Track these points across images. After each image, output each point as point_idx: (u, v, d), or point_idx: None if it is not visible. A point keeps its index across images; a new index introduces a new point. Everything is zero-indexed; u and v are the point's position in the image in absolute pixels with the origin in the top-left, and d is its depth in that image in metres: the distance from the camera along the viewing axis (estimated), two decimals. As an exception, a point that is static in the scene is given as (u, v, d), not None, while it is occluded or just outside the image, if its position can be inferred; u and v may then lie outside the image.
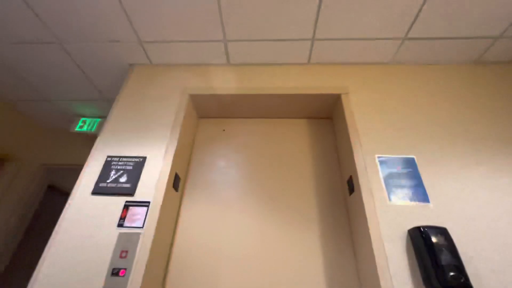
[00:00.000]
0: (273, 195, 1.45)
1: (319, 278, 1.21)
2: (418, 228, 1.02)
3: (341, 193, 1.44)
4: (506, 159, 1.24)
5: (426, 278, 0.95)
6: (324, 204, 1.41)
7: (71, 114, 2.30)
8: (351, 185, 1.32)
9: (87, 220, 1.16)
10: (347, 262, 1.25)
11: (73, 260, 1.05)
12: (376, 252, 1.03)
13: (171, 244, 1.33)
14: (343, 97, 1.50)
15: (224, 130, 1.73)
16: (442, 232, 0.99)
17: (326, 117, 1.73)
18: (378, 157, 1.28)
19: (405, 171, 1.24)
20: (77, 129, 2.24)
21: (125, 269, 1.03)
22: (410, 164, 1.26)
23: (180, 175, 1.45)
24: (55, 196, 2.84)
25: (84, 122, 2.26)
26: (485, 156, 1.25)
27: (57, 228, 1.15)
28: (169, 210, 1.30)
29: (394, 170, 1.24)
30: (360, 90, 1.52)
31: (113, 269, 1.03)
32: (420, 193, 1.17)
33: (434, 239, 0.97)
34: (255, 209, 1.42)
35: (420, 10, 1.32)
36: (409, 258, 1.02)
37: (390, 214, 1.11)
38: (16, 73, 1.86)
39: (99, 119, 2.28)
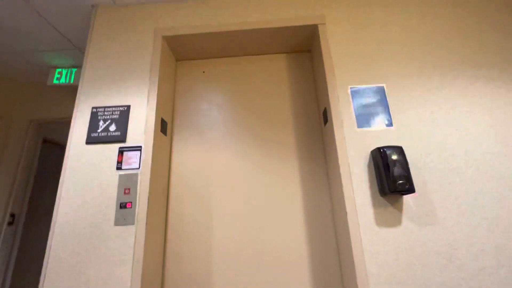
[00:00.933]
0: (255, 131, 1.58)
1: (297, 200, 1.44)
2: (378, 148, 1.18)
3: (318, 124, 1.57)
4: (467, 80, 1.33)
5: (380, 188, 1.16)
6: (302, 135, 1.55)
7: (45, 66, 2.21)
8: (326, 117, 1.43)
9: (87, 167, 1.29)
10: (321, 184, 1.47)
11: (85, 198, 1.23)
12: (342, 171, 1.21)
13: (168, 181, 1.51)
14: (320, 28, 1.47)
15: (204, 71, 1.73)
16: (397, 150, 1.16)
17: (305, 51, 1.72)
18: (351, 87, 1.36)
19: (374, 99, 1.33)
20: (54, 81, 2.18)
21: (131, 202, 1.21)
22: (380, 92, 1.34)
23: (167, 119, 1.53)
24: (52, 149, 2.95)
25: (60, 73, 2.19)
26: (448, 80, 1.33)
27: (62, 176, 1.29)
28: (161, 152, 1.43)
29: (365, 100, 1.33)
30: (337, 19, 1.48)
31: (121, 203, 1.21)
32: (386, 119, 1.29)
33: (390, 156, 1.14)
34: (239, 144, 1.56)
35: None
36: (369, 174, 1.21)
37: (357, 139, 1.26)
38: (-30, 25, 1.71)
39: (75, 69, 2.21)
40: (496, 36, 1.40)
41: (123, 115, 1.36)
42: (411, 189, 1.09)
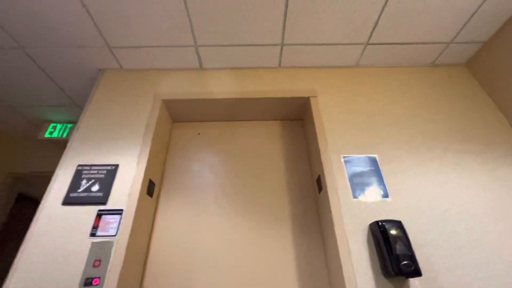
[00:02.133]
0: (247, 196, 1.50)
1: (291, 274, 1.29)
2: (376, 222, 1.11)
3: (312, 192, 1.52)
4: (455, 155, 1.37)
5: (383, 267, 1.05)
6: (296, 202, 1.49)
7: (39, 120, 2.22)
8: (320, 184, 1.40)
9: (58, 231, 1.14)
10: (317, 257, 1.33)
11: (44, 273, 1.05)
12: (340, 245, 1.11)
13: (147, 250, 1.35)
14: (311, 99, 1.57)
15: (199, 133, 1.75)
16: (397, 224, 1.09)
17: (297, 119, 1.80)
18: (344, 157, 1.37)
19: (367, 169, 1.33)
20: (46, 135, 2.16)
21: (99, 277, 1.04)
22: (372, 162, 1.35)
23: (155, 181, 1.46)
24: (26, 205, 2.72)
25: (54, 128, 2.19)
26: (437, 153, 1.37)
27: (26, 241, 1.13)
28: (144, 217, 1.31)
29: (358, 169, 1.33)
30: (328, 93, 1.60)
31: (86, 278, 1.03)
32: (381, 190, 1.27)
33: (390, 232, 1.07)
34: (230, 210, 1.46)
35: (379, 18, 1.41)
36: (370, 250, 1.11)
37: (354, 210, 1.20)
38: (-25, 79, 1.77)
39: (70, 125, 2.22)
40: (472, 114, 1.52)
41: (109, 175, 1.29)
42: (417, 272, 0.98)
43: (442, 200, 1.23)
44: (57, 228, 1.16)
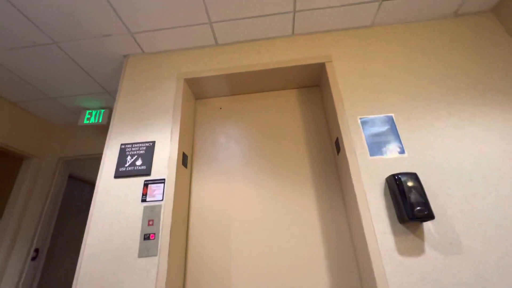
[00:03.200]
0: (270, 162, 1.64)
1: (315, 229, 1.44)
2: (393, 175, 1.20)
3: (331, 153, 1.62)
4: (475, 108, 1.37)
5: (399, 215, 1.16)
6: (316, 164, 1.60)
7: (77, 108, 2.45)
8: (338, 146, 1.49)
9: (115, 199, 1.37)
10: (338, 212, 1.47)
11: (111, 231, 1.29)
12: (358, 199, 1.23)
13: (188, 212, 1.56)
14: (327, 65, 1.60)
15: (220, 108, 1.87)
16: (412, 176, 1.18)
17: (314, 85, 1.85)
18: (361, 118, 1.43)
19: (384, 128, 1.39)
20: (85, 121, 2.39)
21: (154, 233, 1.26)
22: (389, 121, 1.40)
23: (187, 153, 1.63)
24: (76, 184, 3.10)
25: (91, 114, 2.41)
26: (456, 108, 1.38)
27: (91, 210, 1.37)
28: (182, 184, 1.50)
29: (375, 129, 1.39)
30: (343, 57, 1.61)
31: (144, 234, 1.26)
32: (397, 147, 1.33)
33: (405, 183, 1.16)
34: (256, 175, 1.61)
35: (394, -29, 1.36)
36: (386, 201, 1.22)
37: (371, 167, 1.29)
38: (18, 77, 1.98)
39: (103, 110, 2.43)
40: (497, 63, 1.47)
41: (148, 151, 1.47)
42: (430, 215, 1.08)
43: (458, 153, 1.28)
44: (114, 197, 1.38)
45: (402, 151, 1.32)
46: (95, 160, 2.49)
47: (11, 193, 2.35)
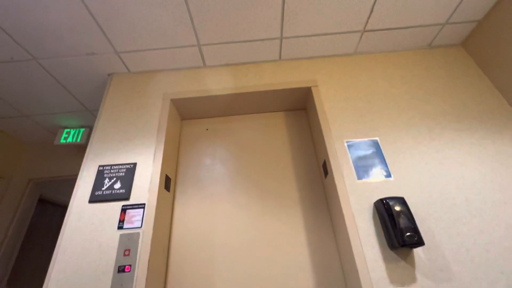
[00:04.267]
0: (257, 185, 1.60)
1: (303, 254, 1.38)
2: (381, 200, 1.20)
3: (318, 177, 1.61)
4: (454, 133, 1.43)
5: (389, 241, 1.14)
6: (304, 187, 1.57)
7: (54, 126, 2.32)
8: (325, 169, 1.48)
9: (88, 226, 1.25)
10: (326, 236, 1.42)
11: (81, 262, 1.16)
12: (347, 223, 1.20)
13: (169, 239, 1.46)
14: (313, 89, 1.64)
15: (207, 129, 1.83)
16: (400, 201, 1.17)
17: (301, 108, 1.87)
18: (347, 141, 1.44)
19: (370, 151, 1.40)
20: (62, 141, 2.26)
21: (130, 265, 1.15)
22: (374, 145, 1.43)
23: (170, 175, 1.56)
24: (46, 208, 2.86)
25: (68, 133, 2.29)
26: (436, 132, 1.43)
27: (60, 236, 1.24)
28: (164, 209, 1.41)
29: (361, 152, 1.40)
30: (328, 82, 1.66)
31: (119, 266, 1.14)
32: (383, 170, 1.35)
33: (393, 207, 1.15)
34: (242, 199, 1.56)
35: (374, 4, 1.46)
36: (376, 225, 1.20)
37: (359, 191, 1.28)
38: (-8, 92, 1.86)
39: (83, 129, 2.32)
40: (470, 92, 1.57)
41: (129, 173, 1.39)
42: (420, 242, 1.07)
43: (441, 176, 1.31)
44: (87, 224, 1.27)
45: (388, 175, 1.33)
46: (70, 182, 2.33)
47: (-31, 218, 2.11)
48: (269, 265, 1.36)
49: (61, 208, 3.00)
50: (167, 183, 1.49)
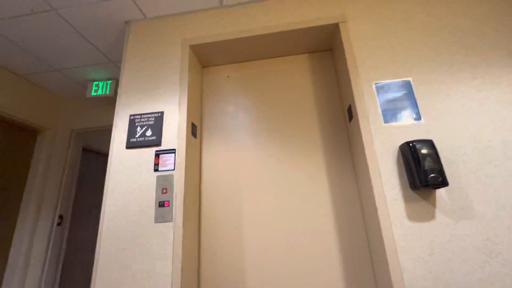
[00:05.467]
0: (280, 130, 1.62)
1: (325, 196, 1.46)
2: (407, 142, 1.17)
3: (343, 121, 1.58)
4: (502, 70, 1.27)
5: (411, 182, 1.15)
6: (327, 132, 1.57)
7: (83, 80, 2.42)
8: (350, 113, 1.44)
9: (128, 169, 1.41)
10: (348, 180, 1.47)
11: (127, 200, 1.34)
12: (370, 167, 1.21)
13: (200, 180, 1.60)
14: (341, 26, 1.48)
15: (228, 76, 1.80)
16: (428, 143, 1.14)
17: (326, 49, 1.74)
18: (375, 83, 1.35)
19: (400, 94, 1.32)
20: (93, 93, 2.39)
21: (168, 201, 1.31)
22: (406, 86, 1.33)
23: (196, 123, 1.62)
24: (91, 157, 3.20)
25: (98, 86, 2.39)
26: (480, 70, 1.28)
27: (107, 179, 1.42)
28: (192, 154, 1.52)
29: (390, 94, 1.32)
30: (359, 16, 1.49)
31: (159, 202, 1.31)
32: (414, 113, 1.28)
33: (420, 150, 1.13)
34: (265, 144, 1.61)
35: None
36: (399, 169, 1.20)
37: (384, 135, 1.26)
38: (22, 48, 1.94)
39: (110, 81, 2.40)
40: (532, 20, 1.33)
41: (157, 121, 1.47)
42: (444, 182, 1.07)
43: (478, 118, 1.22)
44: (127, 167, 1.42)
45: (418, 118, 1.27)
46: (107, 132, 2.53)
47: (31, 164, 2.45)
48: (291, 205, 1.47)
49: (103, 156, 3.34)
50: (194, 130, 1.56)
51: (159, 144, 1.42)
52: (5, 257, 2.16)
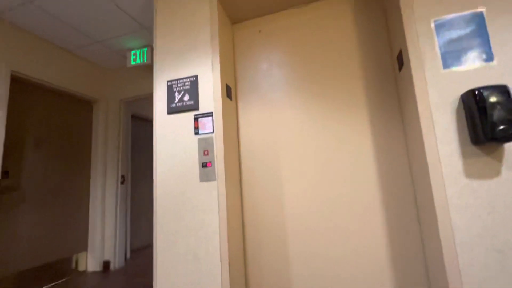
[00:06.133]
0: (318, 85, 1.51)
1: (368, 154, 1.38)
2: (471, 90, 1.00)
3: (391, 70, 1.40)
4: None
5: (473, 136, 1.01)
6: (373, 84, 1.42)
7: (122, 50, 2.51)
8: (401, 60, 1.26)
9: (171, 133, 1.50)
10: (396, 137, 1.35)
11: (173, 161, 1.46)
12: (422, 121, 1.09)
13: (238, 141, 1.64)
14: (393, -50, 1.22)
15: (260, 31, 1.69)
16: (500, 89, 0.95)
17: (373, -15, 1.48)
18: (435, 20, 1.13)
19: (467, 30, 1.09)
20: (132, 62, 2.48)
21: (210, 162, 1.38)
22: (476, 20, 1.08)
23: (230, 84, 1.60)
24: (140, 123, 3.48)
25: (135, 54, 2.47)
26: None
27: (154, 143, 1.54)
28: (229, 116, 1.53)
29: (454, 32, 1.10)
30: None
31: (202, 163, 1.39)
32: (484, 53, 1.06)
33: (488, 98, 0.96)
34: (303, 101, 1.53)
35: None
36: (458, 121, 1.05)
37: (442, 83, 1.09)
38: (65, 22, 2.04)
39: (146, 48, 2.44)
40: None
41: (193, 85, 1.48)
42: (516, 136, 0.91)
43: None
44: (170, 132, 1.50)
45: (489, 59, 1.05)
46: (151, 99, 2.67)
47: (92, 132, 2.78)
48: (332, 165, 1.44)
49: (150, 122, 3.61)
50: (228, 91, 1.55)
51: (196, 108, 1.46)
52: (87, 208, 2.62)
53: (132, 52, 2.49)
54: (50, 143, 2.34)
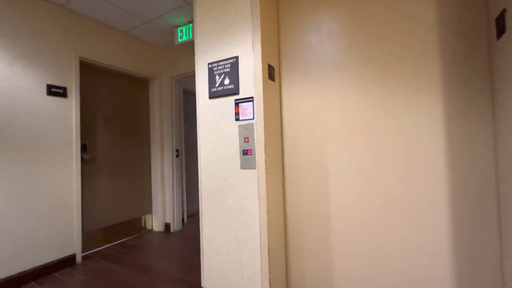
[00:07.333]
0: (377, 62, 1.26)
1: (435, 146, 1.13)
2: None
3: (483, 40, 1.05)
4: None
5: None
6: (452, 60, 1.10)
7: (170, 27, 2.52)
8: (502, 25, 0.92)
9: (213, 118, 1.48)
10: (479, 128, 1.06)
11: (215, 147, 1.47)
12: (525, 112, 0.80)
13: (281, 127, 1.54)
14: None
15: (308, -5, 1.44)
16: None
17: None
18: None
19: None
20: (179, 40, 2.49)
21: (251, 149, 1.34)
22: None
23: (273, 64, 1.46)
24: (191, 98, 3.63)
25: (182, 31, 2.45)
26: None
27: (197, 126, 1.56)
28: (271, 100, 1.42)
29: None
30: None
31: (243, 150, 1.36)
32: None
33: None
34: (357, 82, 1.31)
35: None
36: None
37: None
38: (115, 5, 2.11)
39: (191, 25, 2.40)
40: None
41: (233, 67, 1.40)
42: None
43: None
44: (212, 116, 1.49)
45: None
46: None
47: (149, 108, 3.01)
48: (389, 160, 1.24)
49: (200, 97, 3.72)
50: (271, 72, 1.42)
51: (237, 92, 1.39)
52: (149, 178, 2.98)
53: (179, 29, 2.48)
54: (115, 120, 2.63)
